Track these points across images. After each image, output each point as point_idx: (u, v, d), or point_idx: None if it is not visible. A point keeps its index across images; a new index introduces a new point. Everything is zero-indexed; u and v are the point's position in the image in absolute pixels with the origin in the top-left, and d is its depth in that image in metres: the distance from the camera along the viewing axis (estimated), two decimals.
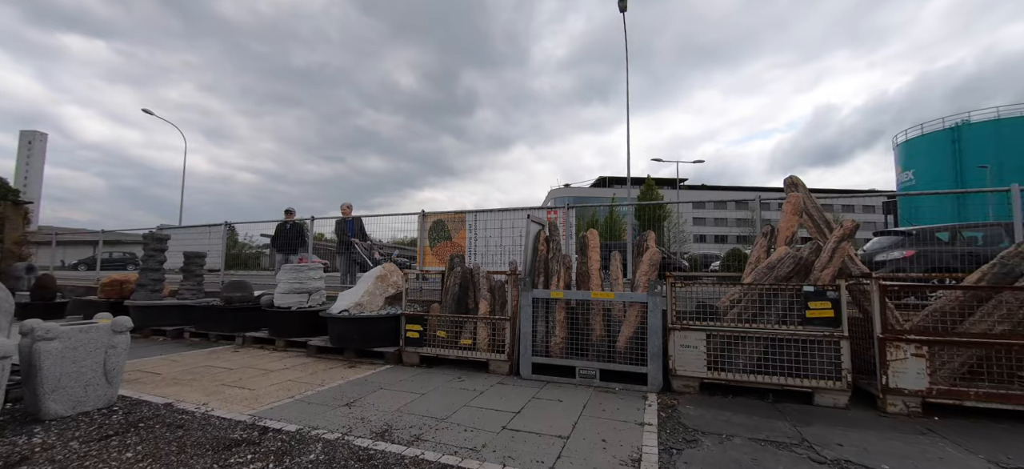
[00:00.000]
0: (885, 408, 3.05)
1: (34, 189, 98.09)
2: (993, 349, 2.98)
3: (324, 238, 8.28)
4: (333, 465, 2.13)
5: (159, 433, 2.54)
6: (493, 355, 4.17)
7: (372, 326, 4.68)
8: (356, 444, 2.40)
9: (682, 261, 16.03)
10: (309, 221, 7.49)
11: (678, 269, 12.68)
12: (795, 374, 3.25)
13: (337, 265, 7.69)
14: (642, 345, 3.69)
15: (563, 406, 3.17)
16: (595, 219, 35.10)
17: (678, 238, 39.67)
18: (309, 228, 7.52)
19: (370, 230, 7.56)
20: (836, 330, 3.19)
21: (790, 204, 4.04)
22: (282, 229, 7.91)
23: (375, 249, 7.08)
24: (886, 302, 3.18)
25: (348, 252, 7.03)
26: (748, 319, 3.48)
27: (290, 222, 7.80)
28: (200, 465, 2.12)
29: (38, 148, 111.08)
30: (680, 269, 13.09)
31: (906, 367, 3.05)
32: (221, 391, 3.47)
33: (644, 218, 27.00)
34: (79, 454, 2.25)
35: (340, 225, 7.17)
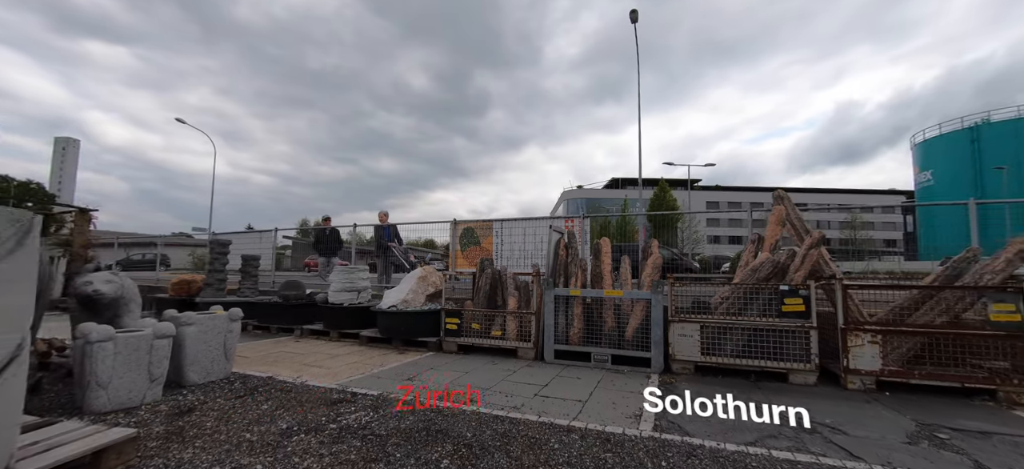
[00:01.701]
0: (846, 385, 3.73)
1: (67, 193, 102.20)
2: (934, 337, 3.64)
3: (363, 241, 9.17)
4: (406, 424, 2.92)
5: (276, 395, 3.38)
6: (521, 343, 4.95)
7: (417, 319, 5.50)
8: (422, 411, 3.19)
9: (693, 263, 16.52)
10: (353, 228, 8.38)
11: (689, 270, 13.23)
12: (773, 358, 3.95)
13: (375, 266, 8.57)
14: (646, 334, 4.43)
15: (581, 382, 3.92)
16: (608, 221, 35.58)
17: (691, 239, 39.90)
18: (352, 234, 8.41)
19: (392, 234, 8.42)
20: (806, 322, 3.88)
21: (775, 215, 4.73)
22: (322, 234, 8.82)
23: (411, 252, 7.91)
24: (848, 299, 3.86)
25: (385, 255, 7.89)
26: (735, 312, 4.19)
27: (329, 228, 8.69)
28: (320, 412, 2.94)
29: (71, 154, 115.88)
30: (691, 270, 13.63)
31: (863, 352, 3.73)
32: (305, 369, 4.32)
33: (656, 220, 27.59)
34: (228, 406, 3.09)
35: (378, 231, 8.03)
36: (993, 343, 3.50)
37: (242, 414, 2.91)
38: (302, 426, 2.68)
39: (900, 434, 2.72)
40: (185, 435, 2.53)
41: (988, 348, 3.53)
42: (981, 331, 3.54)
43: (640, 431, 2.69)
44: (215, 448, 2.35)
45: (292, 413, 2.93)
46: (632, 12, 16.48)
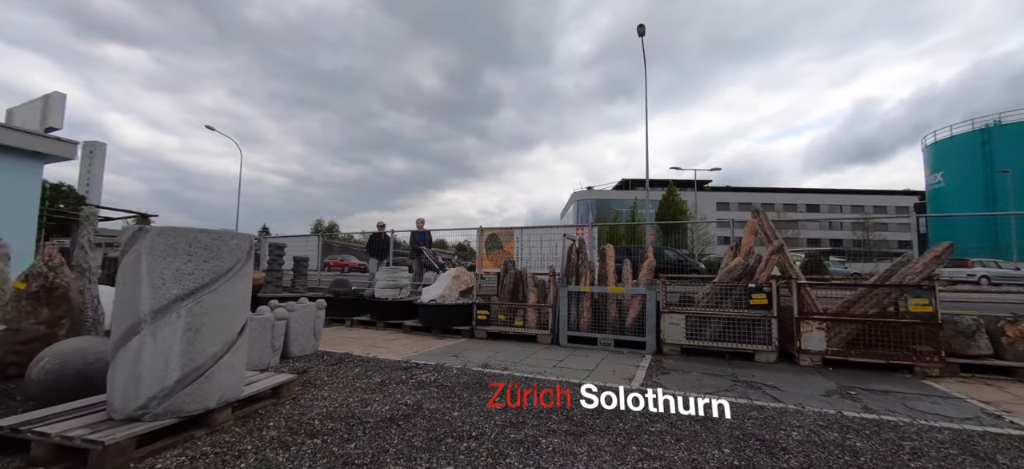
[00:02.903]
0: (799, 362, 4.73)
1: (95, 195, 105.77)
2: (868, 325, 4.62)
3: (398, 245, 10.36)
4: (464, 378, 4.02)
5: (360, 364, 4.50)
6: (540, 331, 6.03)
7: (452, 311, 6.61)
8: (472, 369, 4.29)
9: (699, 264, 17.35)
10: (391, 233, 9.56)
11: (694, 271, 14.12)
12: (743, 341, 4.97)
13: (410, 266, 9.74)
14: (642, 323, 5.47)
15: (589, 358, 4.99)
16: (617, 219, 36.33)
17: (701, 240, 40.54)
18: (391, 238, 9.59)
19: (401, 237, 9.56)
20: (768, 312, 4.89)
21: (749, 227, 5.73)
22: (376, 238, 10.01)
23: (439, 255, 9.04)
24: (804, 295, 4.86)
25: (419, 257, 9.03)
26: (714, 305, 5.21)
27: (382, 234, 9.87)
28: (399, 373, 4.05)
29: (98, 157, 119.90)
30: (696, 271, 14.53)
31: (813, 336, 4.73)
32: (370, 348, 5.45)
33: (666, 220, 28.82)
34: (329, 370, 4.21)
35: (414, 236, 9.17)
36: (912, 329, 4.47)
37: (343, 374, 4.04)
38: (390, 380, 3.80)
39: (821, 391, 3.74)
40: (313, 383, 3.66)
41: (909, 333, 4.50)
42: (901, 319, 4.52)
43: (632, 385, 3.75)
44: (339, 390, 3.48)
45: (379, 374, 4.06)
46: (639, 26, 17.44)
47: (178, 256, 2.42)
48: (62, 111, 11.15)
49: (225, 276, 2.58)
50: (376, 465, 2.17)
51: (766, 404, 3.29)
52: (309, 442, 2.42)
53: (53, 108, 11.11)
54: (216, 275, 2.53)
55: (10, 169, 9.43)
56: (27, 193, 9.95)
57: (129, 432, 2.14)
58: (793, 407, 3.24)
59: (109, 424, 2.23)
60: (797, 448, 2.45)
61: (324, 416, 2.84)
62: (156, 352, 2.32)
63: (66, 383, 2.77)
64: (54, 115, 11.05)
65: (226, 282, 2.59)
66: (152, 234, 2.40)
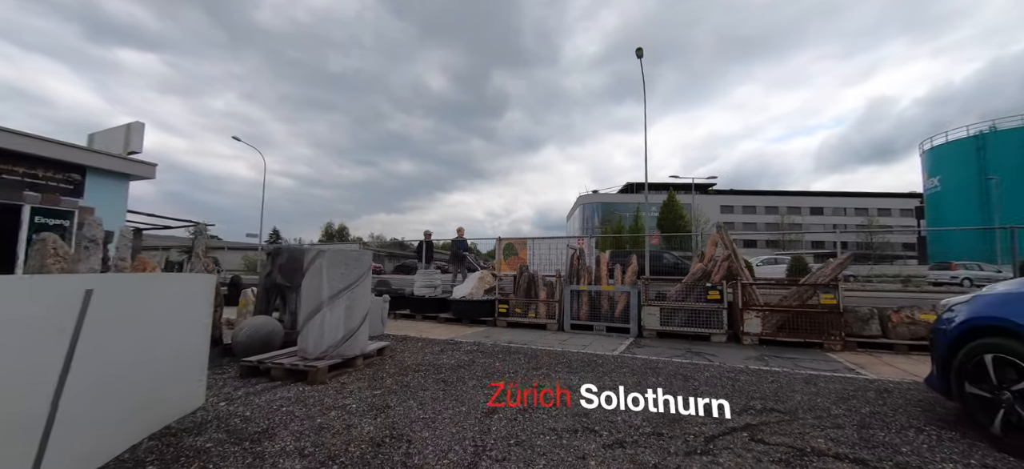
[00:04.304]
0: (742, 342, 6.36)
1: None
2: (791, 313, 6.25)
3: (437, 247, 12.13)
4: (497, 347, 5.70)
5: (419, 342, 6.22)
6: (548, 320, 7.71)
7: (478, 306, 8.32)
8: (501, 344, 5.98)
9: None
10: (429, 239, 11.34)
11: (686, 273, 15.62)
12: (702, 327, 6.61)
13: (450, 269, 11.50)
14: (627, 313, 7.14)
15: (586, 339, 6.67)
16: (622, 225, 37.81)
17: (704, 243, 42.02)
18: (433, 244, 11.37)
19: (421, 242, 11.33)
20: (720, 305, 6.54)
21: (712, 239, 7.39)
22: (422, 245, 11.75)
23: (477, 260, 10.77)
24: (748, 291, 6.50)
25: (463, 261, 10.80)
26: (681, 299, 6.86)
27: (428, 241, 11.61)
28: (449, 346, 5.76)
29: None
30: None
31: (752, 322, 6.37)
32: (421, 332, 7.16)
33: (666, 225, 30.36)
34: (400, 345, 5.94)
35: (455, 243, 10.95)
36: (823, 316, 6.09)
37: (410, 346, 5.76)
38: (446, 348, 5.51)
39: (745, 357, 5.39)
40: (394, 351, 5.38)
41: (821, 320, 6.12)
42: (815, 309, 6.15)
43: (616, 353, 5.43)
44: (414, 354, 5.19)
45: (436, 346, 5.77)
46: (638, 50, 19.06)
47: (339, 266, 4.15)
48: (141, 137, 13.11)
49: (361, 279, 4.32)
50: (459, 381, 3.87)
51: (701, 363, 4.96)
52: (414, 374, 4.13)
53: (134, 135, 13.07)
54: (358, 278, 4.26)
55: (104, 188, 11.40)
56: (118, 207, 11.90)
57: (323, 364, 3.87)
58: (717, 364, 4.90)
59: (305, 362, 3.96)
60: (703, 378, 4.11)
61: (415, 365, 4.56)
62: (331, 321, 4.05)
63: (256, 343, 4.52)
64: (135, 140, 13.01)
65: (361, 283, 4.32)
66: (328, 253, 4.14)
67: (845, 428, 2.76)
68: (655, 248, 19.58)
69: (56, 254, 4.81)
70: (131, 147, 12.79)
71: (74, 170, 10.68)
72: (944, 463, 2.24)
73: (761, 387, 3.82)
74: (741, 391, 3.67)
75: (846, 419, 2.94)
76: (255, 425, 2.72)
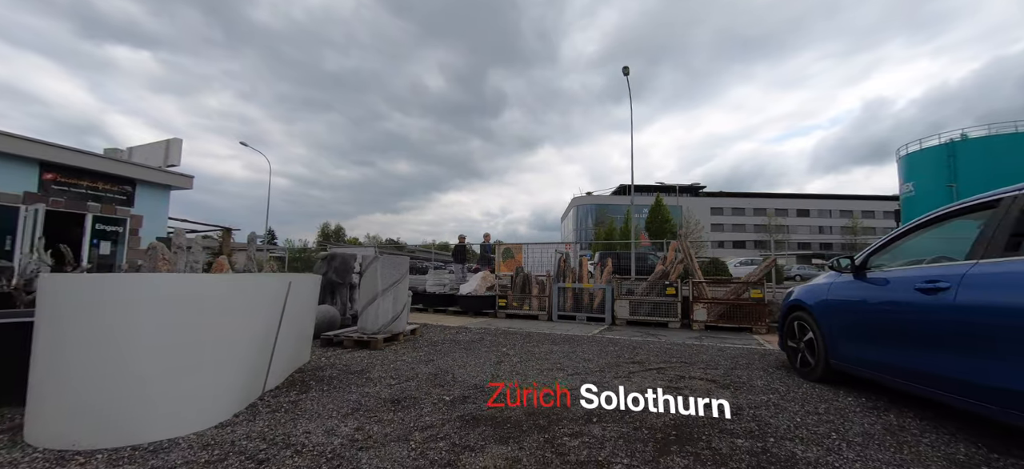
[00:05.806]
0: (692, 328, 8.07)
1: None
2: (731, 306, 7.97)
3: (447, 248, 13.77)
4: (500, 330, 7.35)
5: (435, 327, 7.86)
6: (540, 312, 9.39)
7: (482, 300, 9.98)
8: (503, 329, 7.64)
9: None
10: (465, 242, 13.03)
11: None
12: (662, 316, 8.32)
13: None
14: (603, 305, 8.84)
15: (570, 325, 8.35)
16: (613, 227, 39.51)
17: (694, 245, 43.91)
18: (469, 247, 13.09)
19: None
20: (675, 299, 8.25)
21: (673, 246, 9.10)
22: (458, 248, 13.38)
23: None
24: (699, 287, 8.21)
25: (489, 264, 12.48)
26: (646, 294, 8.56)
27: (462, 245, 13.24)
28: (461, 329, 7.42)
29: None
30: None
31: (700, 312, 8.08)
32: (436, 322, 8.81)
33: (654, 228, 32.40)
34: (422, 329, 7.58)
35: (483, 247, 12.66)
36: (753, 308, 7.81)
37: (430, 330, 7.40)
38: (460, 332, 7.17)
39: (687, 337, 7.09)
40: (420, 333, 7.02)
41: (751, 310, 7.84)
42: (747, 302, 7.87)
43: (590, 334, 7.11)
44: (437, 334, 6.84)
45: (451, 330, 7.42)
46: (624, 68, 20.76)
47: (389, 267, 5.80)
48: (180, 152, 14.65)
49: (403, 277, 5.97)
50: (475, 349, 5.52)
51: (652, 341, 6.66)
52: (441, 345, 5.78)
53: (173, 149, 14.61)
54: (401, 276, 5.92)
55: (150, 198, 13.00)
56: (161, 214, 13.48)
57: (379, 336, 5.51)
58: (664, 341, 6.60)
59: (367, 335, 5.60)
60: (648, 349, 5.78)
61: (440, 340, 6.21)
62: (383, 306, 5.70)
63: (323, 325, 6.16)
64: (173, 154, 14.56)
65: (403, 280, 5.98)
66: (381, 258, 5.79)
67: (718, 369, 4.46)
68: (644, 249, 21.41)
69: (164, 258, 6.48)
70: (170, 160, 14.32)
71: (127, 183, 12.25)
72: (756, 381, 3.93)
73: (684, 353, 5.52)
74: (668, 355, 5.37)
75: (723, 365, 4.64)
76: (354, 367, 4.37)
